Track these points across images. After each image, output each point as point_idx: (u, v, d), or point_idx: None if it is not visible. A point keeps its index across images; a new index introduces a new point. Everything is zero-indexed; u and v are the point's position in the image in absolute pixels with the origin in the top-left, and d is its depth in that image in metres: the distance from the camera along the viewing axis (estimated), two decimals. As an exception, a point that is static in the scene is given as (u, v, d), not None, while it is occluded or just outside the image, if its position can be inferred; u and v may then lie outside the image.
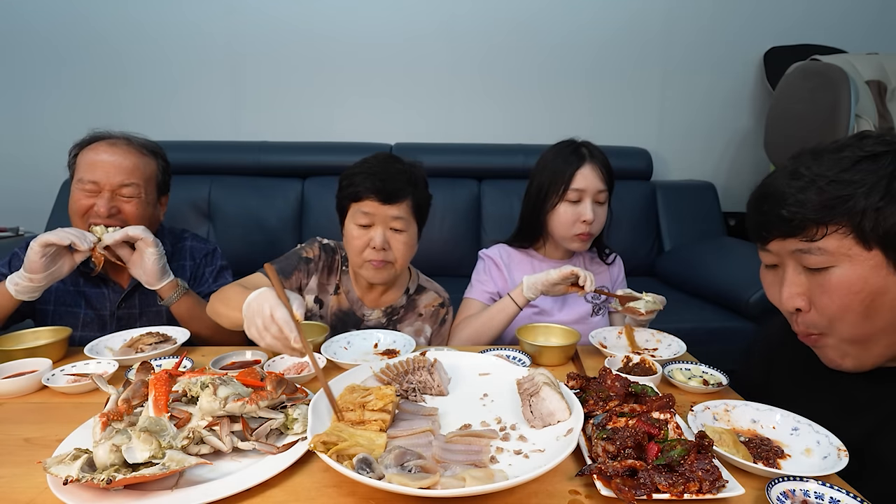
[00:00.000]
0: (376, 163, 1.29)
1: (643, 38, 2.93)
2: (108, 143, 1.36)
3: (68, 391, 0.97)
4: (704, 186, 2.91)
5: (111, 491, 0.64)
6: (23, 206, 2.75)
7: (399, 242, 1.29)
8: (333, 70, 2.89)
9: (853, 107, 2.25)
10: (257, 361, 1.11)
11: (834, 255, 0.75)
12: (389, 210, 1.26)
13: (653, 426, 0.74)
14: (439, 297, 1.49)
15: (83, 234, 1.23)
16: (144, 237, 1.26)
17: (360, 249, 1.29)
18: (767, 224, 0.81)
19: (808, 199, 0.75)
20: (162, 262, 1.30)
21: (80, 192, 1.34)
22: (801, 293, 0.80)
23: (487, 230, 2.73)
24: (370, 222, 1.27)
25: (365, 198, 1.25)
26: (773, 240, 0.81)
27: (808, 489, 0.66)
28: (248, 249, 2.56)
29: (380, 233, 1.26)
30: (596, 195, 1.42)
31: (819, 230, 0.75)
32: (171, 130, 2.85)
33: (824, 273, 0.76)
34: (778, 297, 0.84)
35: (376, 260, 1.28)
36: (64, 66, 2.81)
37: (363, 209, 1.26)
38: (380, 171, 1.26)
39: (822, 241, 0.75)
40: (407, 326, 1.45)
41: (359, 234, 1.28)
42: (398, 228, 1.28)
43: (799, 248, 0.78)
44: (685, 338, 1.23)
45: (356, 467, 0.63)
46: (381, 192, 1.24)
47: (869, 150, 0.74)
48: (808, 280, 0.79)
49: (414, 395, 0.90)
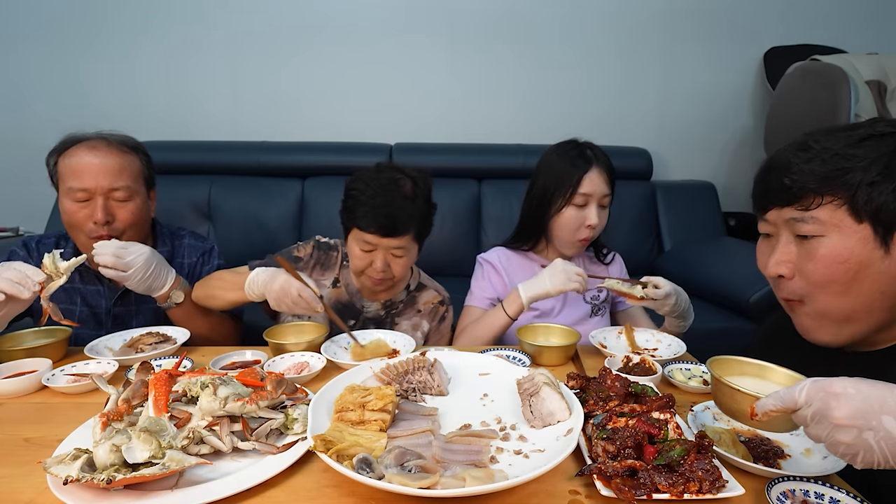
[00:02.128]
0: (380, 193, 1.26)
1: (643, 38, 2.93)
2: (88, 147, 1.32)
3: (68, 391, 0.97)
4: (704, 186, 2.91)
5: (111, 491, 0.64)
6: (23, 206, 2.74)
7: (399, 265, 1.32)
8: (333, 70, 2.89)
9: (853, 107, 2.25)
10: (257, 361, 1.11)
11: (825, 225, 0.78)
12: (391, 241, 1.27)
13: (653, 426, 0.74)
14: (439, 296, 1.50)
15: (25, 276, 1.03)
16: (114, 267, 1.19)
17: (361, 268, 1.33)
18: (768, 192, 0.85)
19: (811, 170, 0.78)
20: (147, 283, 1.25)
21: (71, 203, 1.30)
22: (788, 261, 0.84)
23: (487, 230, 2.73)
24: (372, 248, 1.29)
25: (367, 231, 1.26)
26: (772, 209, 0.85)
27: (808, 489, 0.66)
28: (248, 249, 2.54)
29: (380, 258, 1.29)
30: (601, 199, 1.41)
31: (815, 200, 0.78)
32: (171, 130, 2.85)
33: (813, 241, 0.80)
34: (765, 264, 0.88)
35: (376, 279, 1.33)
36: (64, 66, 2.81)
37: (365, 238, 1.27)
38: (383, 205, 1.24)
39: (817, 210, 0.78)
40: (405, 321, 1.45)
41: (360, 255, 1.31)
42: (398, 255, 1.30)
43: (793, 217, 0.81)
44: (685, 338, 1.23)
45: (356, 467, 0.63)
46: (384, 228, 1.25)
47: (879, 130, 0.77)
48: (798, 249, 0.83)
49: (414, 395, 0.91)
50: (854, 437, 0.56)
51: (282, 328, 1.24)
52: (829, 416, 0.58)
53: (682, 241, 2.75)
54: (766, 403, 0.65)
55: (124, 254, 1.21)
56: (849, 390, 0.58)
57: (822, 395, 0.59)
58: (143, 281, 1.24)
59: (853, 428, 0.56)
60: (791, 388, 0.63)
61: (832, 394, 0.58)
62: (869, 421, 0.56)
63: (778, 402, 0.64)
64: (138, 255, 1.22)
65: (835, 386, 0.59)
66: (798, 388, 0.62)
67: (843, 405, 0.57)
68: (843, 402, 0.57)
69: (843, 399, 0.57)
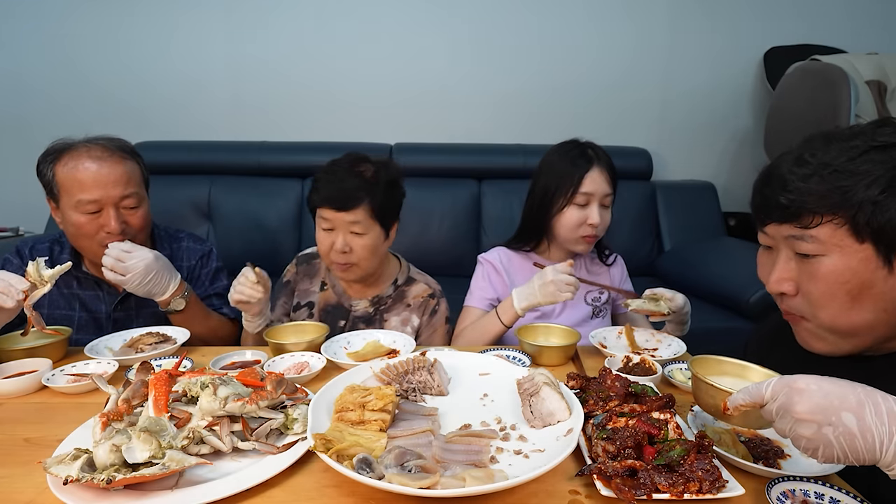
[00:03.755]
0: (337, 170, 1.32)
1: (643, 38, 2.93)
2: (90, 156, 1.27)
3: (68, 391, 0.97)
4: (704, 186, 2.91)
5: (111, 491, 0.64)
6: (23, 206, 2.74)
7: (359, 246, 1.32)
8: (333, 70, 2.89)
9: (853, 107, 2.25)
10: (257, 361, 1.11)
11: (825, 245, 0.75)
12: (346, 216, 1.29)
13: (653, 426, 0.74)
14: (429, 289, 1.49)
15: (8, 285, 1.02)
16: (113, 269, 1.19)
17: (325, 252, 1.35)
18: (766, 208, 0.82)
19: (809, 188, 0.75)
20: (146, 288, 1.23)
21: (80, 215, 1.27)
22: (790, 278, 0.82)
23: (487, 230, 2.73)
24: (331, 227, 1.32)
25: (322, 205, 1.30)
26: (771, 223, 0.82)
27: (808, 489, 0.66)
28: (248, 249, 2.56)
29: (340, 237, 1.31)
30: (602, 199, 1.41)
31: (814, 219, 0.75)
32: (171, 130, 2.85)
33: (814, 261, 0.77)
34: (767, 278, 0.86)
35: (339, 263, 1.34)
36: (64, 65, 2.81)
37: (323, 215, 1.32)
38: (335, 179, 1.30)
39: (816, 229, 0.75)
40: (394, 316, 1.45)
41: (322, 237, 1.34)
42: (357, 232, 1.31)
43: (792, 234, 0.78)
44: (685, 338, 1.23)
45: (356, 467, 0.63)
46: (335, 201, 1.28)
47: (882, 140, 0.73)
48: (798, 266, 0.80)
49: (414, 395, 0.91)
50: (814, 431, 0.58)
51: (282, 328, 1.24)
52: (792, 410, 0.60)
53: (682, 241, 2.75)
54: (737, 398, 0.67)
55: (126, 258, 1.19)
56: (811, 386, 0.60)
57: (786, 390, 0.61)
58: (142, 286, 1.22)
59: (813, 423, 0.58)
60: (759, 383, 0.65)
61: (795, 389, 0.61)
62: (828, 416, 0.57)
63: (747, 397, 0.66)
64: (139, 260, 1.20)
65: (798, 382, 0.61)
66: (766, 383, 0.64)
67: (804, 400, 0.59)
68: (805, 397, 0.59)
69: (806, 395, 0.59)
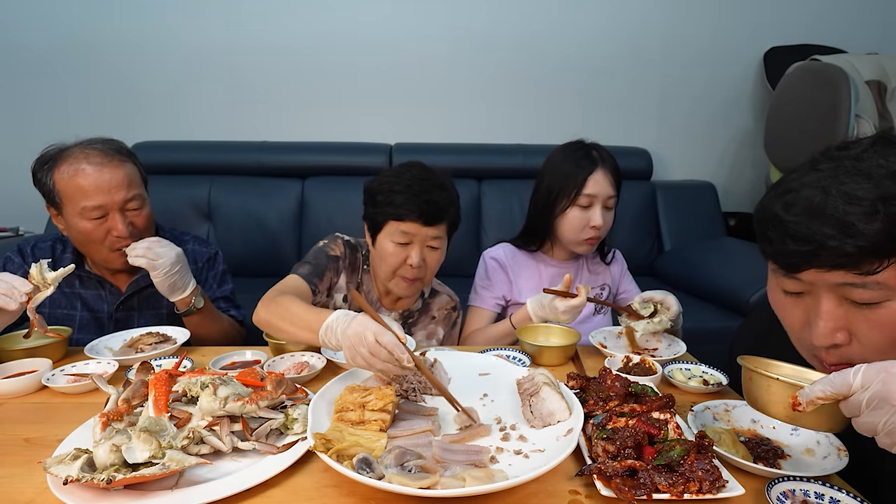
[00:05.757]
0: (416, 180, 1.23)
1: (643, 38, 2.93)
2: (89, 162, 1.25)
3: (68, 391, 0.97)
4: (704, 186, 2.91)
5: (111, 491, 0.64)
6: (23, 206, 2.74)
7: (433, 260, 1.29)
8: (333, 70, 2.88)
9: (853, 107, 2.25)
10: (257, 361, 1.11)
11: (891, 290, 0.64)
12: (430, 231, 1.24)
13: (653, 426, 0.74)
14: (451, 301, 1.49)
15: (12, 287, 1.02)
16: (145, 256, 1.21)
17: (395, 266, 1.27)
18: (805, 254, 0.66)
19: (875, 230, 0.61)
20: (171, 281, 1.24)
21: (86, 221, 1.26)
22: (841, 328, 0.69)
23: (487, 230, 2.73)
24: (409, 241, 1.25)
25: (407, 219, 1.22)
26: (809, 269, 0.67)
27: (808, 489, 0.66)
28: (248, 249, 2.56)
29: (417, 251, 1.25)
30: (606, 201, 1.41)
31: (880, 263, 0.62)
32: (171, 130, 2.85)
33: (875, 307, 0.66)
34: (800, 326, 0.73)
35: (409, 278, 1.28)
36: (65, 66, 2.80)
37: (403, 229, 1.23)
38: (422, 191, 1.21)
39: (880, 274, 0.63)
40: (420, 330, 1.44)
41: (395, 251, 1.25)
42: (434, 246, 1.28)
43: (847, 282, 0.65)
44: (685, 338, 1.23)
45: (356, 467, 0.63)
46: (425, 215, 1.21)
47: None
48: (849, 312, 0.68)
49: (414, 395, 0.91)
50: None
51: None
52: (891, 398, 0.52)
53: (682, 241, 2.75)
54: (813, 391, 0.58)
55: (156, 246, 1.23)
56: None
57: (882, 375, 0.53)
58: (169, 277, 1.24)
59: None
60: (844, 371, 0.57)
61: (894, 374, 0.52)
62: None
63: (828, 388, 0.57)
64: (170, 249, 1.25)
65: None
66: (853, 370, 0.56)
67: None
68: None
69: None
